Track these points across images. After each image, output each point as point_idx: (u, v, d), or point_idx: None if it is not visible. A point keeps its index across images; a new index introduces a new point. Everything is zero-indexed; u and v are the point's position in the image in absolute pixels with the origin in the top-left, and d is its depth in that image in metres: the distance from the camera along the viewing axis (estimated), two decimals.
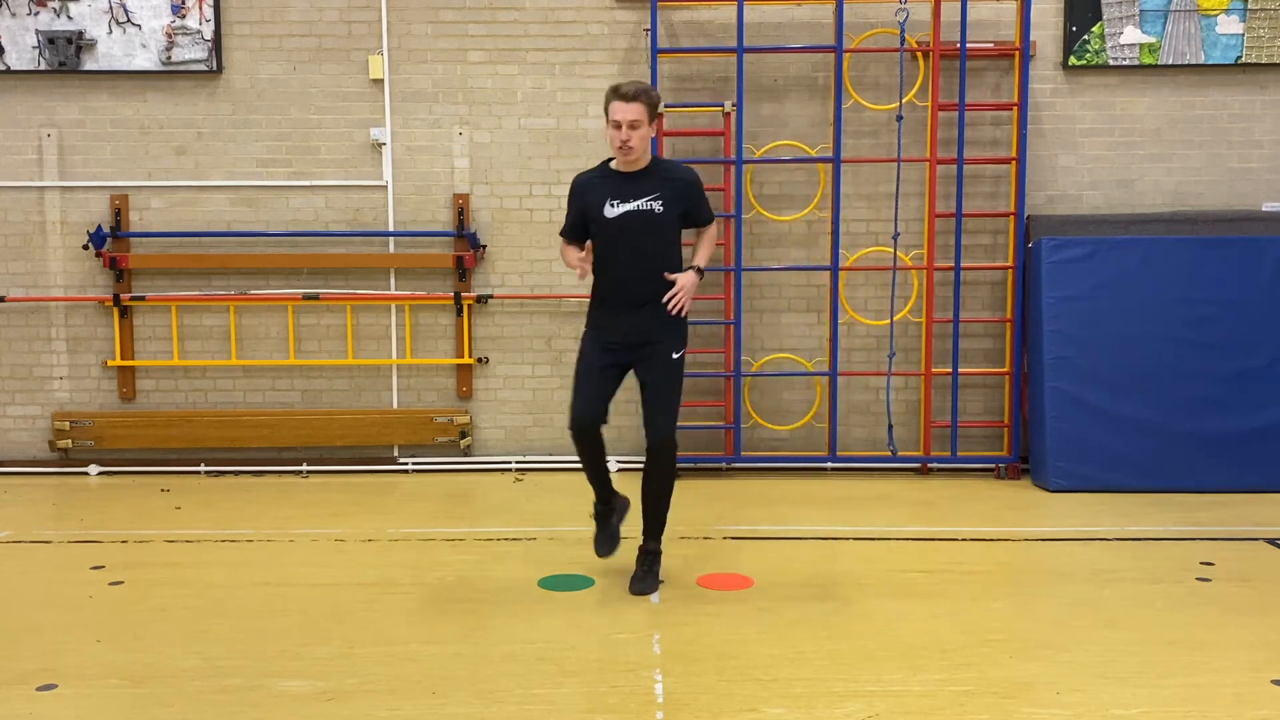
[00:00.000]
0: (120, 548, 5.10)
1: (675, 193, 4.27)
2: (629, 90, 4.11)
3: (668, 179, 4.29)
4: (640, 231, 4.24)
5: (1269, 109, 6.80)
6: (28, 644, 3.77)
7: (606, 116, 4.18)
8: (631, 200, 4.23)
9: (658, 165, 4.34)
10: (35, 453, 7.04)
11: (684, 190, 4.30)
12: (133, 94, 6.86)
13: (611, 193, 4.25)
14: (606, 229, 4.26)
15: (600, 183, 4.31)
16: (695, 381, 6.94)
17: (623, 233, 4.24)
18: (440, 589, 4.42)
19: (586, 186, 4.34)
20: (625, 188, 4.25)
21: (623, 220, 4.24)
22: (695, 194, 4.34)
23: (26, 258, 6.94)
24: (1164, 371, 6.25)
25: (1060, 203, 6.86)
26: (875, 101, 6.72)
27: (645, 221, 4.24)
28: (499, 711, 3.18)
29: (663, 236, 4.28)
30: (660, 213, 4.25)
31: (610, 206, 4.24)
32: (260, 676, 3.45)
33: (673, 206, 4.27)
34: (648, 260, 4.25)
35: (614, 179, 4.29)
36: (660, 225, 4.26)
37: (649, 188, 4.24)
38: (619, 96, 4.11)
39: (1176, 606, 4.14)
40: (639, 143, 4.15)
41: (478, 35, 6.84)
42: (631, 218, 4.23)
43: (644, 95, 4.13)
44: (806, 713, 3.16)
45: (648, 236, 4.25)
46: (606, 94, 4.18)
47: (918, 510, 5.92)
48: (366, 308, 6.98)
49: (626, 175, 4.27)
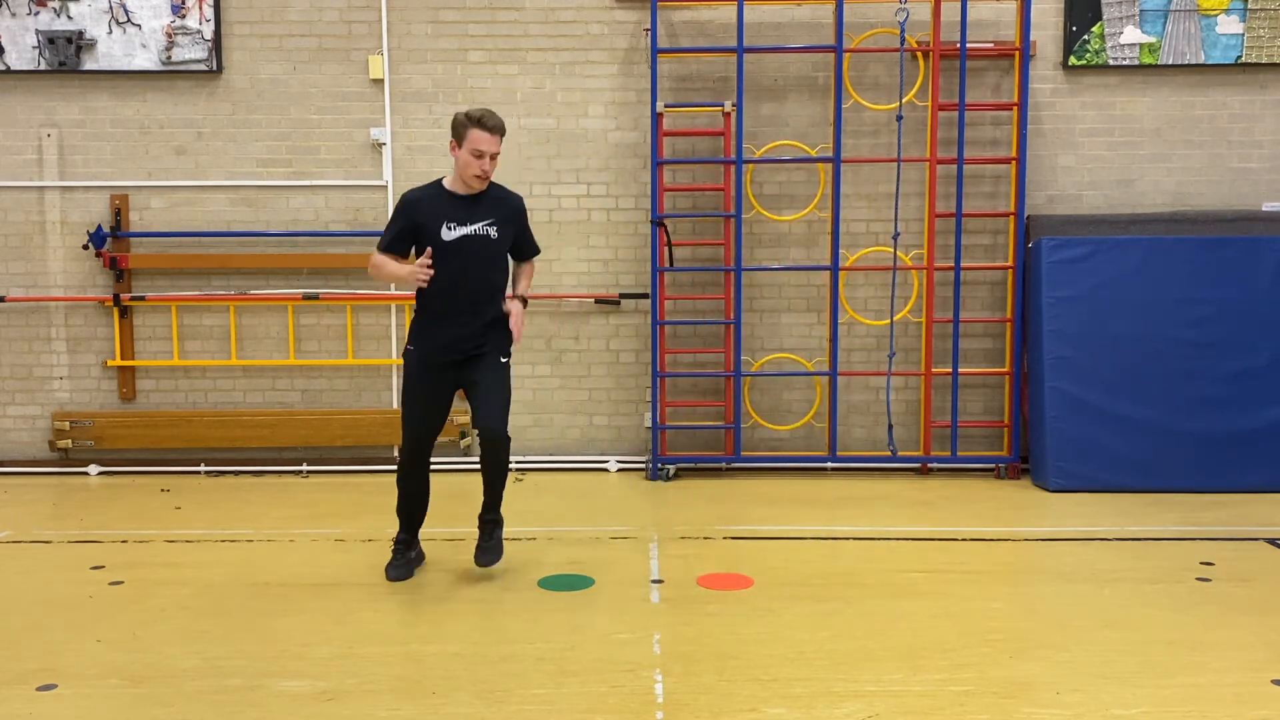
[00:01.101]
0: (120, 548, 5.10)
1: (507, 219, 4.40)
2: (494, 124, 4.24)
3: (500, 205, 4.40)
4: (476, 255, 4.33)
5: (1269, 109, 6.80)
6: (28, 644, 3.77)
7: (459, 142, 4.23)
8: (468, 224, 4.31)
9: (491, 189, 4.42)
10: (35, 453, 7.04)
11: (514, 216, 4.45)
12: (133, 94, 6.86)
13: (448, 215, 4.30)
14: (443, 251, 4.28)
15: (435, 203, 4.33)
16: (695, 381, 6.95)
17: (459, 256, 4.29)
18: (440, 589, 4.41)
19: (420, 206, 4.34)
20: (462, 211, 4.32)
21: (460, 244, 4.29)
22: (522, 220, 4.50)
23: (26, 258, 6.94)
24: (1164, 371, 6.25)
25: (1060, 203, 6.86)
26: (875, 101, 6.72)
27: (481, 246, 4.33)
28: (499, 711, 3.18)
29: (496, 262, 4.42)
30: (495, 238, 4.36)
31: (448, 230, 4.29)
32: (260, 676, 3.45)
33: (506, 233, 4.40)
34: (479, 284, 4.36)
35: (450, 200, 4.33)
36: (491, 249, 4.37)
37: (484, 212, 4.34)
38: (484, 128, 4.21)
39: (1176, 606, 4.14)
40: (493, 171, 4.31)
41: (478, 35, 6.85)
42: (469, 241, 4.31)
43: (503, 129, 4.30)
44: (806, 713, 3.16)
45: (482, 260, 4.35)
46: (462, 120, 4.23)
47: (918, 510, 5.92)
48: (366, 308, 6.98)
49: (462, 198, 4.33)
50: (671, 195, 6.85)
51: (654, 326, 6.66)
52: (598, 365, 7.01)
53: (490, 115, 4.25)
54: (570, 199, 6.93)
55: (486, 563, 4.47)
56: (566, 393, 7.06)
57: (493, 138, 4.22)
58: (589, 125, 6.89)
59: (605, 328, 7.00)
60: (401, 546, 4.66)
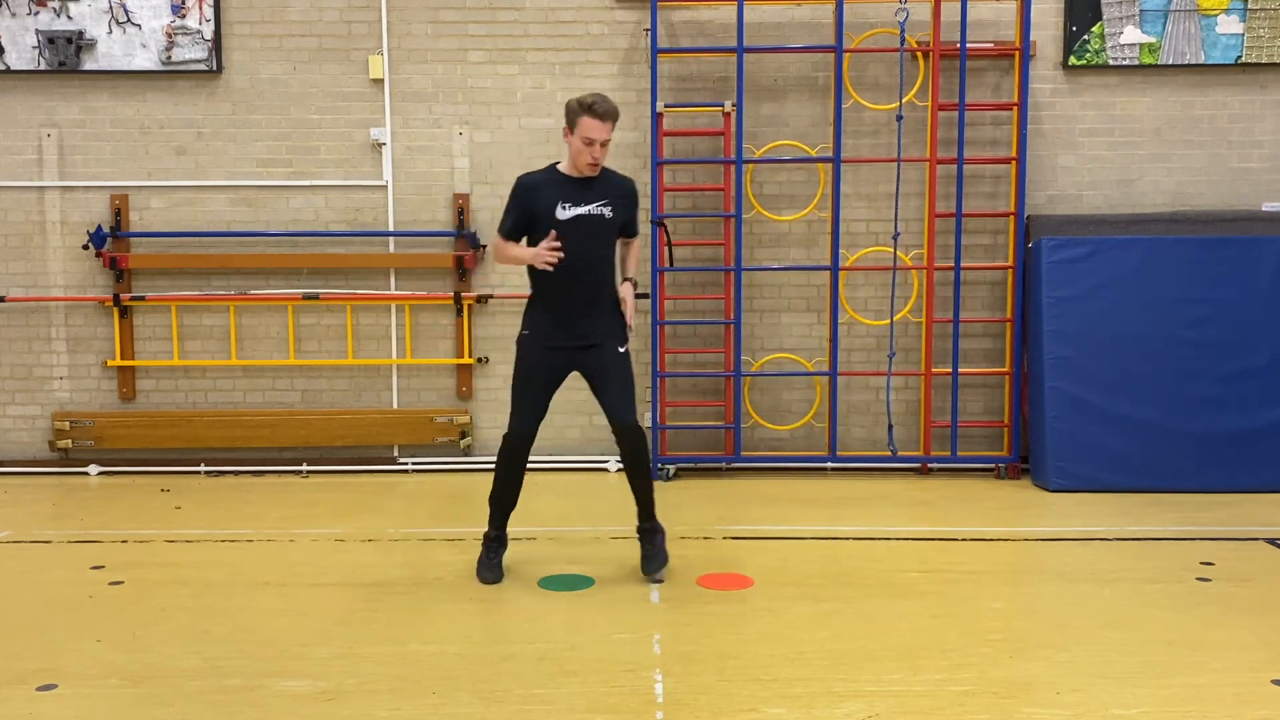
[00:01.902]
0: (120, 548, 5.10)
1: (621, 201, 4.44)
2: (603, 110, 4.23)
3: (614, 187, 4.44)
4: (590, 235, 4.35)
5: (1269, 109, 6.80)
6: (28, 644, 3.77)
7: (571, 128, 4.26)
8: (583, 204, 4.33)
9: (604, 172, 4.45)
10: (35, 453, 7.04)
11: (627, 197, 4.48)
12: (133, 94, 6.86)
13: (563, 195, 4.33)
14: (558, 231, 4.30)
15: (550, 186, 4.36)
16: (695, 381, 6.95)
17: (574, 236, 4.31)
18: (440, 589, 4.41)
19: (536, 188, 4.37)
20: (577, 192, 4.34)
21: (575, 223, 4.32)
22: (633, 201, 4.53)
23: (26, 258, 6.94)
24: (1164, 371, 6.25)
25: (1060, 203, 6.86)
26: (875, 101, 6.72)
27: (596, 225, 4.36)
28: (499, 711, 3.18)
29: (609, 243, 4.44)
30: (609, 218, 4.39)
31: (563, 209, 4.32)
32: (260, 676, 3.45)
33: (619, 213, 4.43)
34: (594, 264, 4.38)
35: (565, 182, 4.37)
36: (606, 230, 4.41)
37: (599, 193, 4.37)
38: (594, 115, 4.21)
39: (1176, 606, 4.14)
40: (604, 157, 4.33)
41: (478, 35, 6.85)
42: (584, 220, 4.33)
43: (615, 113, 4.28)
44: (806, 713, 3.16)
45: (594, 241, 4.36)
46: (574, 107, 4.24)
47: (918, 510, 5.92)
48: (366, 308, 6.98)
49: (577, 179, 4.37)
50: (671, 195, 6.85)
51: (654, 326, 6.66)
52: None
53: (602, 101, 4.25)
54: None
55: (654, 570, 4.46)
56: (566, 393, 6.98)
57: (603, 124, 4.22)
58: None
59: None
60: (494, 545, 4.59)
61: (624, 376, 4.47)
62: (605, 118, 4.22)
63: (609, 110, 4.24)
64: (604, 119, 4.22)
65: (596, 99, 4.24)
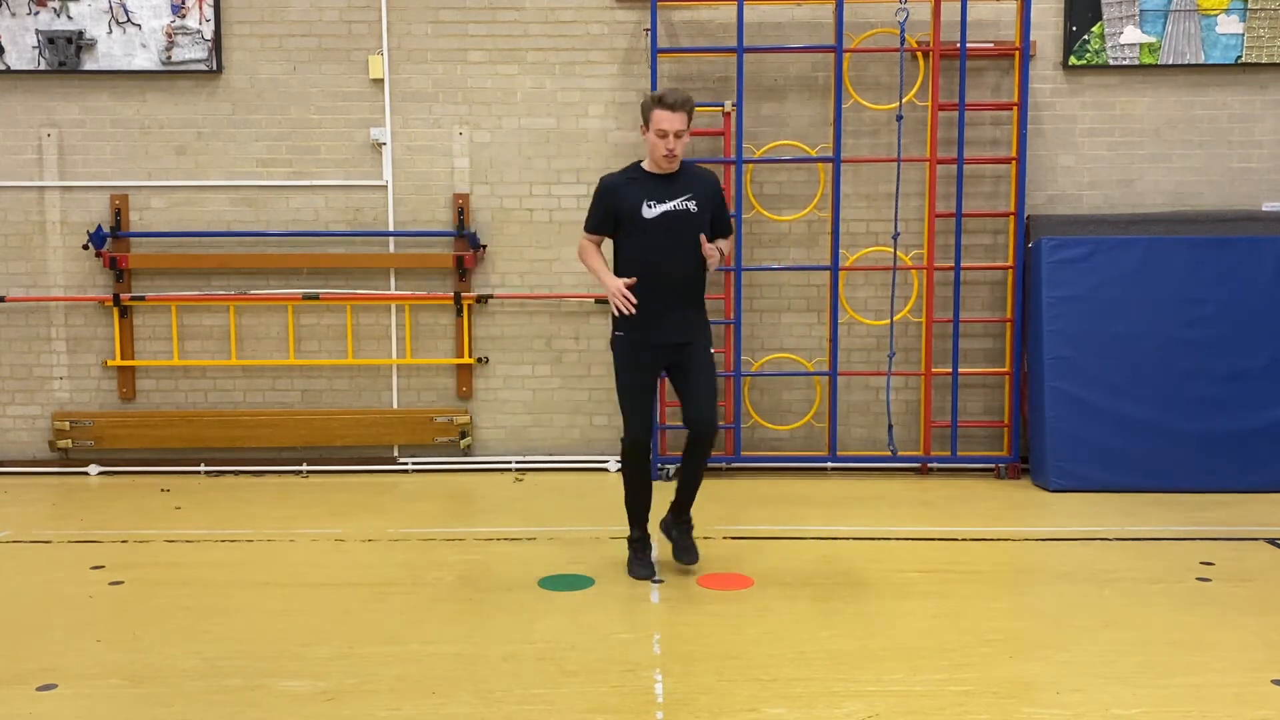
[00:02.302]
0: (120, 548, 5.10)
1: (706, 195, 4.41)
2: (675, 100, 4.23)
3: (697, 181, 4.42)
4: (678, 230, 4.33)
5: (1269, 109, 6.80)
6: (28, 644, 3.77)
7: (646, 124, 4.28)
8: (668, 200, 4.33)
9: (686, 167, 4.44)
10: (35, 453, 7.04)
11: (711, 192, 4.44)
12: (133, 94, 6.86)
13: (648, 193, 4.34)
14: (645, 229, 4.33)
15: (633, 184, 4.38)
16: None
17: (661, 233, 4.32)
18: (440, 589, 4.41)
19: (619, 187, 4.40)
20: (661, 189, 4.34)
21: (662, 220, 4.32)
22: (719, 196, 4.49)
23: (26, 258, 6.94)
24: (1164, 371, 6.25)
25: (1060, 203, 6.86)
26: (875, 101, 6.72)
27: (682, 221, 4.34)
28: (499, 711, 3.18)
29: (692, 237, 4.38)
30: (694, 213, 4.36)
31: (648, 207, 4.32)
32: (260, 676, 3.45)
33: (703, 207, 4.40)
34: (682, 260, 4.35)
35: (648, 180, 4.38)
36: (691, 225, 4.36)
37: (683, 188, 4.36)
38: (665, 106, 4.22)
39: (1176, 606, 4.14)
40: (681, 149, 4.30)
41: (478, 35, 6.85)
42: (669, 218, 4.32)
43: (688, 104, 4.26)
44: (806, 713, 3.16)
45: (680, 237, 4.34)
46: (647, 102, 4.29)
47: (918, 510, 5.92)
48: (366, 308, 6.98)
49: (660, 176, 4.37)
50: None
51: None
52: (598, 365, 7.01)
53: (672, 92, 4.27)
54: (570, 199, 6.92)
55: (693, 560, 4.58)
56: (566, 393, 7.06)
57: (675, 114, 4.21)
58: (589, 125, 6.89)
59: (605, 328, 6.99)
60: (639, 545, 4.64)
61: (710, 377, 4.48)
62: (677, 108, 4.21)
63: (680, 100, 4.23)
64: (675, 109, 4.21)
65: (668, 90, 4.31)
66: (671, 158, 4.28)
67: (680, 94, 4.26)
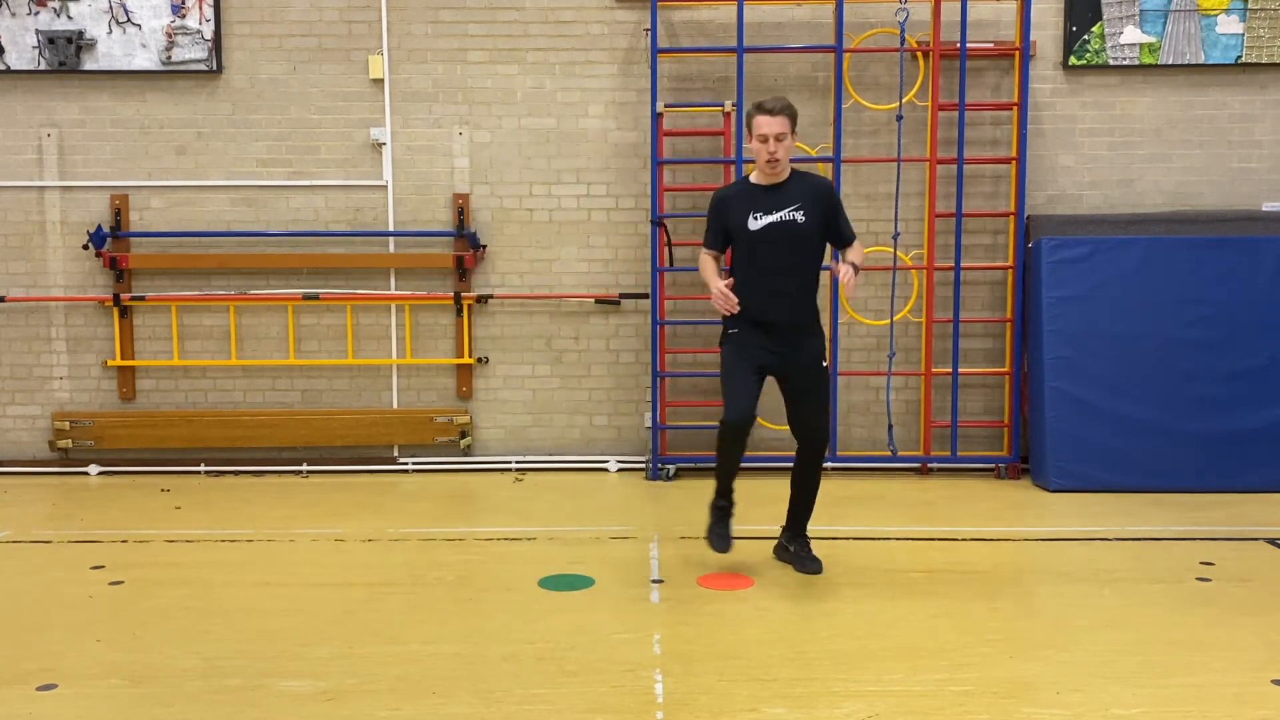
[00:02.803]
0: (120, 548, 5.10)
1: (815, 204, 4.32)
2: (773, 105, 4.23)
3: (806, 190, 4.34)
4: (784, 243, 4.30)
5: (1269, 109, 6.80)
6: (28, 644, 3.77)
7: (749, 132, 4.28)
8: (774, 212, 4.29)
9: (796, 176, 4.39)
10: (35, 453, 7.04)
11: (823, 200, 4.34)
12: (133, 94, 6.86)
13: (754, 206, 4.33)
14: (752, 242, 4.32)
15: (741, 197, 4.38)
16: (695, 381, 6.95)
17: (767, 244, 4.30)
18: (440, 589, 4.41)
19: (728, 202, 4.42)
20: (767, 200, 4.32)
21: (767, 232, 4.30)
22: (833, 203, 4.39)
23: (26, 258, 6.95)
24: (1164, 371, 6.25)
25: (1060, 203, 6.86)
26: (875, 101, 6.72)
27: (789, 232, 4.30)
28: (499, 711, 3.18)
29: (805, 249, 4.34)
30: (803, 223, 4.30)
31: (754, 219, 4.31)
32: (260, 676, 3.45)
33: (814, 216, 4.31)
34: (790, 272, 4.32)
35: (755, 192, 4.36)
36: (803, 236, 4.31)
37: (790, 198, 4.31)
38: (763, 111, 4.23)
39: (1176, 606, 4.14)
40: (784, 155, 4.26)
41: (478, 35, 6.85)
42: (774, 229, 4.29)
43: (788, 109, 4.24)
44: (806, 713, 3.16)
45: (791, 247, 4.31)
46: (748, 110, 4.30)
47: (918, 510, 5.91)
48: (366, 308, 6.98)
49: (768, 188, 4.34)
50: (671, 195, 6.85)
51: (654, 326, 6.66)
52: (598, 365, 7.01)
53: (772, 99, 4.27)
54: (570, 199, 6.93)
55: (816, 570, 4.56)
56: (566, 393, 7.06)
57: (772, 119, 4.20)
58: (589, 125, 6.89)
59: (605, 328, 7.00)
60: (720, 512, 4.59)
61: (821, 392, 4.45)
62: (775, 112, 4.21)
63: (779, 106, 4.23)
64: (774, 114, 4.21)
65: (767, 98, 4.30)
66: (774, 163, 4.26)
67: (780, 99, 4.27)
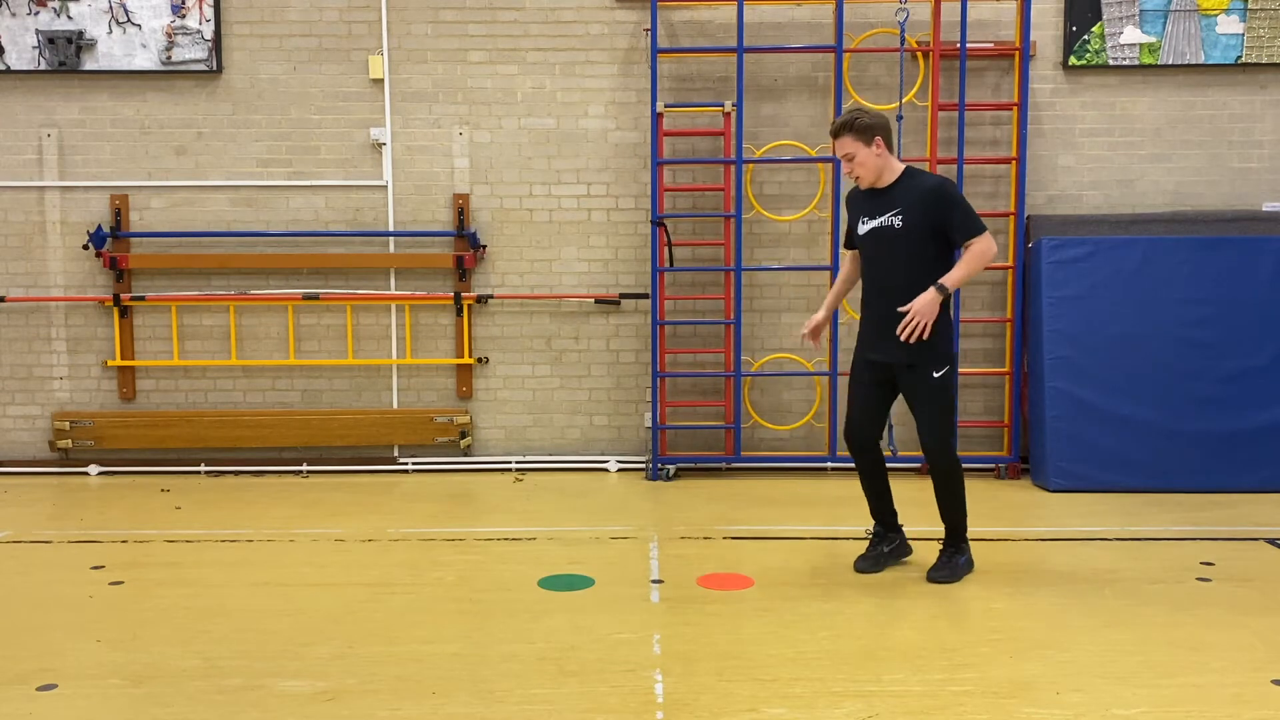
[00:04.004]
0: (120, 548, 5.10)
1: (917, 205, 4.19)
2: (833, 128, 4.26)
3: (908, 193, 4.23)
4: (882, 248, 4.27)
5: (1269, 109, 6.81)
6: (28, 644, 3.77)
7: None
8: (877, 217, 4.28)
9: (905, 177, 4.29)
10: (35, 453, 7.04)
11: (927, 200, 4.18)
12: (133, 94, 6.86)
13: (864, 210, 4.34)
14: (862, 245, 4.36)
15: (857, 200, 4.42)
16: (695, 381, 6.96)
17: (872, 250, 4.31)
18: (440, 589, 4.41)
19: (851, 202, 4.47)
20: (872, 204, 4.31)
21: (870, 237, 4.30)
22: (938, 203, 4.17)
23: (26, 258, 6.95)
24: (1164, 371, 6.25)
25: (1060, 203, 6.86)
26: (875, 101, 6.72)
27: (886, 238, 4.25)
28: (499, 711, 3.18)
29: (903, 252, 4.21)
30: (899, 228, 4.21)
31: (862, 224, 4.33)
32: (260, 676, 3.45)
33: (913, 220, 4.18)
34: (890, 278, 4.26)
35: (866, 196, 4.36)
36: (898, 241, 4.22)
37: (892, 203, 4.25)
38: (830, 134, 4.28)
39: (1176, 606, 4.14)
40: (863, 170, 4.24)
41: (478, 35, 6.85)
42: (876, 234, 4.28)
43: (845, 126, 4.21)
44: (806, 713, 3.16)
45: (889, 253, 4.26)
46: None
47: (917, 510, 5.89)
48: (366, 308, 6.98)
49: (876, 192, 4.32)
50: (671, 195, 6.85)
51: (654, 326, 6.66)
52: (598, 365, 7.01)
53: (836, 120, 4.32)
54: (570, 199, 6.93)
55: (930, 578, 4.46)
56: (566, 393, 7.06)
57: (836, 142, 4.25)
58: (589, 125, 6.89)
59: (605, 328, 7.00)
60: (874, 538, 4.67)
61: (930, 401, 4.30)
62: (835, 135, 4.25)
63: (835, 126, 4.27)
64: (834, 137, 4.26)
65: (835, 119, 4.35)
66: (857, 180, 4.30)
67: (839, 119, 4.27)
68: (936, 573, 4.46)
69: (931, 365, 4.25)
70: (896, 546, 4.67)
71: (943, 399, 4.33)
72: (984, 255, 4.17)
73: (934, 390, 4.29)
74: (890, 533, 4.68)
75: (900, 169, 4.31)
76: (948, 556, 4.52)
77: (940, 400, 4.32)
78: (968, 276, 4.20)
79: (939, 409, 4.33)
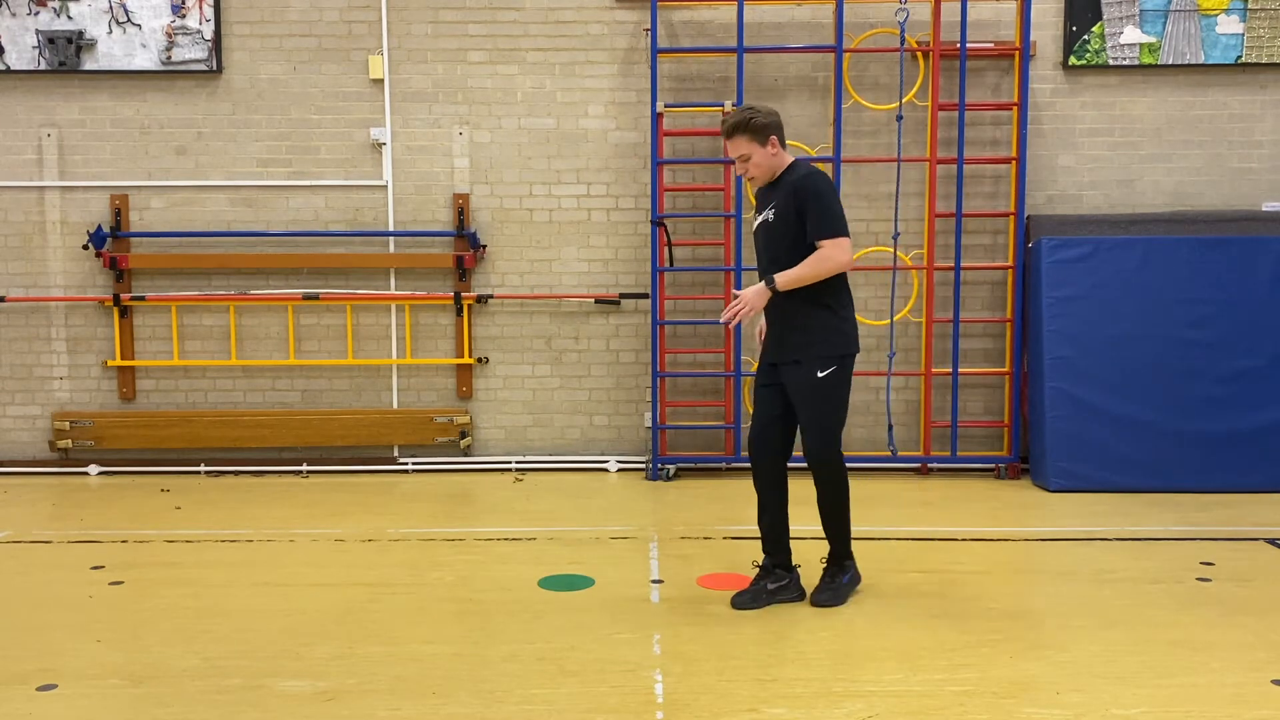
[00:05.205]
0: (120, 548, 5.10)
1: (789, 199, 4.03)
2: (725, 128, 4.07)
3: (785, 185, 4.07)
4: (765, 243, 4.18)
5: (1269, 109, 6.80)
6: (28, 644, 3.77)
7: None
8: (761, 212, 4.20)
9: (787, 172, 4.13)
10: (35, 453, 7.04)
11: (793, 193, 4.01)
12: (133, 94, 6.86)
13: (757, 206, 4.26)
14: (754, 242, 4.30)
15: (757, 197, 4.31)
16: (695, 381, 6.96)
17: (759, 245, 4.23)
18: (440, 589, 4.41)
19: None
20: (761, 200, 4.23)
21: (758, 232, 4.22)
22: (799, 196, 3.99)
23: (26, 258, 6.94)
24: (1164, 371, 6.25)
25: (1060, 203, 6.86)
26: (875, 101, 6.72)
27: (767, 233, 4.16)
28: (499, 711, 3.18)
29: (780, 247, 4.06)
30: (773, 222, 4.10)
31: (755, 219, 4.26)
32: (260, 676, 3.45)
33: (785, 213, 4.04)
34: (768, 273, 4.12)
35: (759, 193, 4.26)
36: (774, 235, 4.10)
37: (771, 198, 4.15)
38: (723, 134, 4.10)
39: (1176, 606, 4.14)
40: (757, 170, 4.09)
41: (478, 35, 6.85)
42: (761, 230, 4.19)
43: (740, 129, 4.01)
44: (806, 713, 3.16)
45: (768, 247, 4.16)
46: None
47: (918, 510, 5.91)
48: (366, 308, 6.98)
49: (766, 188, 4.18)
50: (671, 195, 6.85)
51: (654, 326, 6.66)
52: (598, 365, 7.01)
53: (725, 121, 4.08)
54: (570, 199, 6.93)
55: (814, 603, 4.13)
56: (566, 393, 7.06)
57: (728, 143, 4.07)
58: (589, 125, 6.89)
59: (605, 328, 7.00)
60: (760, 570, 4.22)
61: (809, 402, 4.04)
62: (726, 136, 4.07)
63: (725, 129, 4.07)
64: (726, 137, 4.07)
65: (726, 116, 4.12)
66: (754, 181, 4.17)
67: (728, 121, 4.06)
68: (819, 596, 4.14)
69: (816, 364, 4.02)
70: (784, 586, 4.17)
71: (827, 400, 4.05)
72: (828, 260, 3.94)
73: (817, 389, 4.02)
74: (779, 569, 4.19)
75: (789, 163, 4.15)
76: (830, 577, 4.20)
77: (824, 401, 4.05)
78: (805, 278, 3.95)
79: (822, 410, 4.05)
